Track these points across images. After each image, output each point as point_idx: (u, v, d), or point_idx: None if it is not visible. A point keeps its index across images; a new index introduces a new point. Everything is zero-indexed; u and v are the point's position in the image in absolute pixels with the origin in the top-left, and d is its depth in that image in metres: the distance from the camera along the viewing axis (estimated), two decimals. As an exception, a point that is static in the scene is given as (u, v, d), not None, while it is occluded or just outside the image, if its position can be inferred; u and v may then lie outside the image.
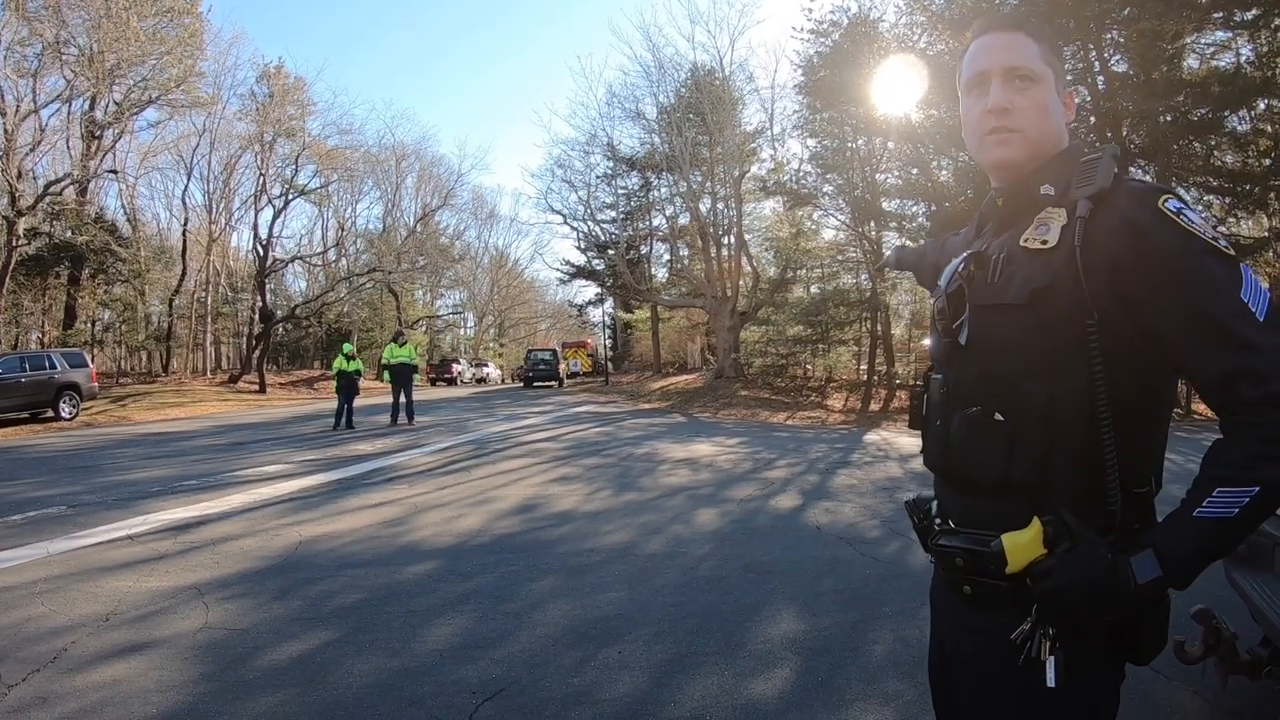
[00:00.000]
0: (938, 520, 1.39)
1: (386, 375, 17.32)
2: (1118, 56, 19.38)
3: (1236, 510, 1.07)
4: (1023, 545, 1.18)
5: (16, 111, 25.32)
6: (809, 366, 30.26)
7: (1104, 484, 1.18)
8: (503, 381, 53.84)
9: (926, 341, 1.79)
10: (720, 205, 31.29)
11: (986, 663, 1.29)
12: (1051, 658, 1.17)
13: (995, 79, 1.32)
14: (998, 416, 1.24)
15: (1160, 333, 1.17)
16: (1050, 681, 1.17)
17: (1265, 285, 1.15)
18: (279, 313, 38.46)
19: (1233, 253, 1.16)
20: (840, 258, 30.03)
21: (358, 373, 16.40)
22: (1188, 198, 1.02)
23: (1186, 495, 1.13)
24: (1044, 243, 1.26)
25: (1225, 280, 1.12)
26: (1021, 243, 1.29)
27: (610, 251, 37.26)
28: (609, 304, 51.16)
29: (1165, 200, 1.18)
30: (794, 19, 59.86)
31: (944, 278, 1.38)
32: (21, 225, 25.14)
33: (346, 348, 16.94)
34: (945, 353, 1.37)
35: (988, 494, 1.27)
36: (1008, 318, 1.25)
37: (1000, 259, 1.32)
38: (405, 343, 17.16)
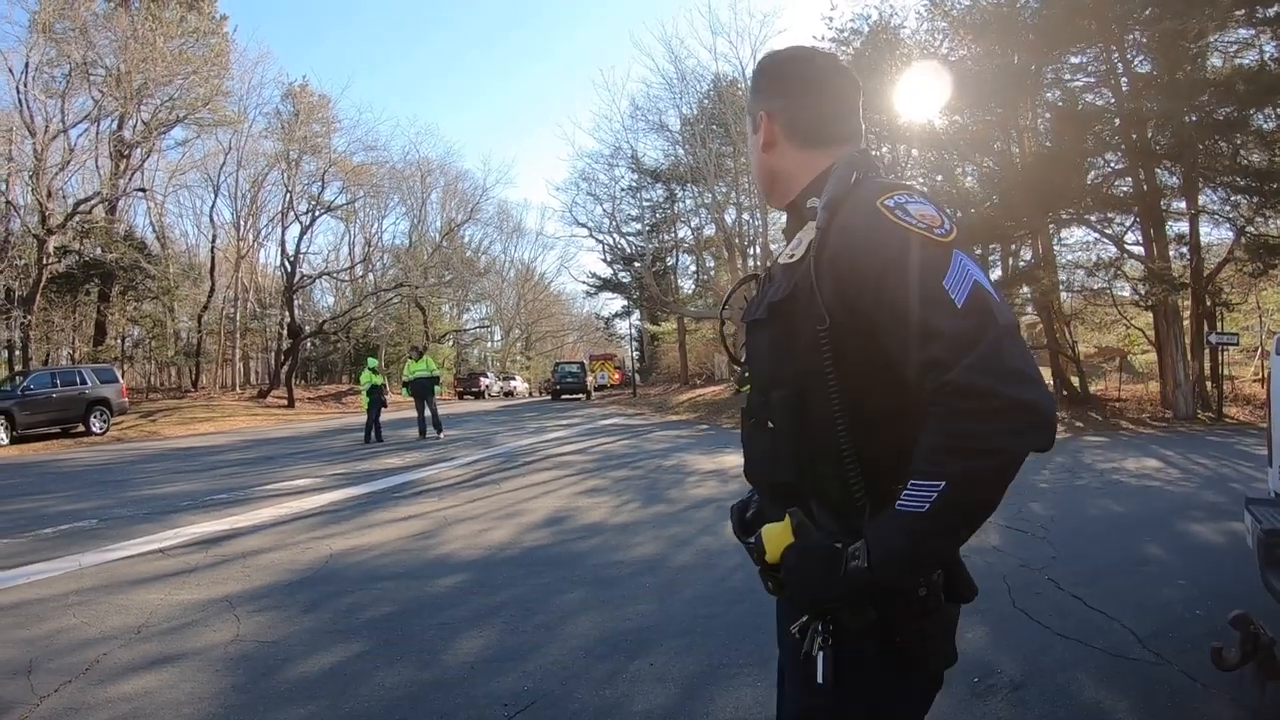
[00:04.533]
0: None
1: (405, 391, 17.49)
2: (1140, 57, 19.16)
3: (927, 506, 1.02)
4: (775, 535, 1.20)
5: (46, 131, 25.87)
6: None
7: (850, 481, 1.17)
8: (530, 395, 53.92)
9: None
10: (745, 216, 31.29)
11: (784, 656, 1.38)
12: (820, 654, 1.16)
13: None
14: (770, 424, 1.29)
15: (873, 329, 1.13)
16: (818, 678, 1.16)
17: (979, 271, 1.09)
18: (307, 328, 38.83)
19: (948, 239, 1.11)
20: (865, 267, 29.95)
21: (384, 386, 16.59)
22: (923, 191, 0.96)
23: None
24: (792, 256, 1.28)
25: (928, 268, 1.07)
26: (780, 260, 1.35)
27: (636, 264, 37.41)
28: (635, 316, 51.18)
29: (886, 198, 1.15)
30: (815, 29, 60.28)
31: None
32: (52, 243, 25.63)
33: (372, 362, 17.23)
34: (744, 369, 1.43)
35: (769, 496, 1.34)
36: (758, 333, 1.32)
37: (765, 278, 1.41)
38: (420, 357, 17.29)
